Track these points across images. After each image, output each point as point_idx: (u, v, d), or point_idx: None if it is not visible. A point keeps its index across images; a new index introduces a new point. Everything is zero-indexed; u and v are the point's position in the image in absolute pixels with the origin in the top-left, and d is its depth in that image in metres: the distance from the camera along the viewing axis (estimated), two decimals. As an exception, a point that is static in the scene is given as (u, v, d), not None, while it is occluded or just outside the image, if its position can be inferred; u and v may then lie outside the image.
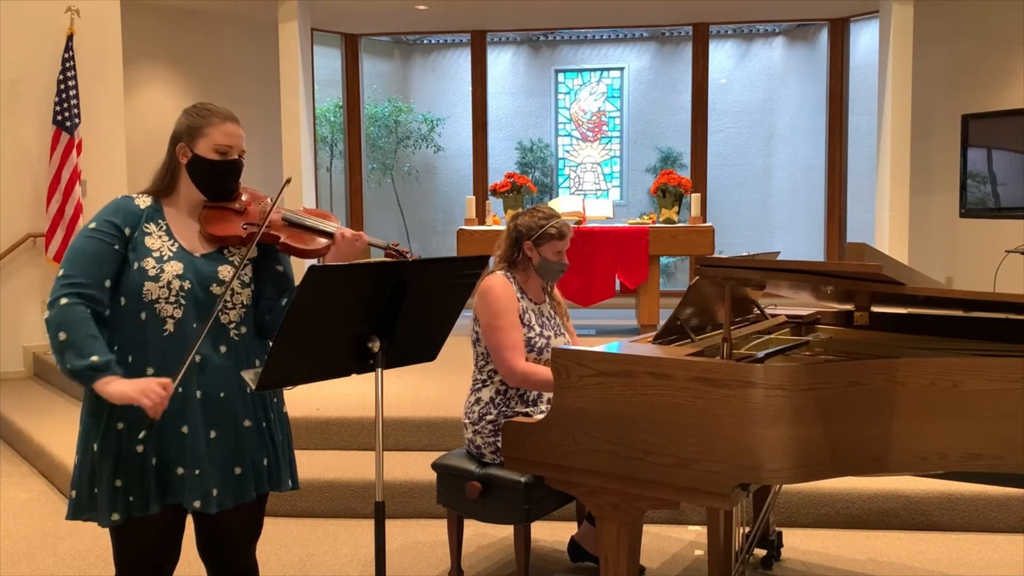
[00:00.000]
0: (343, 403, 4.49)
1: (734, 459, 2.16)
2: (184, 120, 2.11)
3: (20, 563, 3.44)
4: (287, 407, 2.25)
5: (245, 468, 2.08)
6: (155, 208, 2.09)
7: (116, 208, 2.05)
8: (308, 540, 3.62)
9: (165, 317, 2.00)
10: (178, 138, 2.10)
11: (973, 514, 3.58)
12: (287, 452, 2.21)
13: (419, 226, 10.80)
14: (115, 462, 1.98)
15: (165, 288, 1.99)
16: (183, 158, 2.09)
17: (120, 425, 1.99)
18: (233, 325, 2.08)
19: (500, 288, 2.95)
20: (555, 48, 10.78)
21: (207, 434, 2.02)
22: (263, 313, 2.14)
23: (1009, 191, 6.16)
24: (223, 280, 2.06)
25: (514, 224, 3.06)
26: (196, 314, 2.02)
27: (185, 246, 2.06)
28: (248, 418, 2.09)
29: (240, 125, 2.13)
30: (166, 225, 2.07)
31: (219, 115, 2.10)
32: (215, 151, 2.07)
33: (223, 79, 8.34)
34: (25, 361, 6.44)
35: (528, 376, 2.88)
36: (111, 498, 1.98)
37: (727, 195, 10.33)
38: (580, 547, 3.26)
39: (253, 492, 2.11)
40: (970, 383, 2.19)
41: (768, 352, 2.59)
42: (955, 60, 7.82)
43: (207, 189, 2.10)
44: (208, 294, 2.04)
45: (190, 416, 2.00)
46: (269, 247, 2.15)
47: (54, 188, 6.20)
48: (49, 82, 6.33)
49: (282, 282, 2.19)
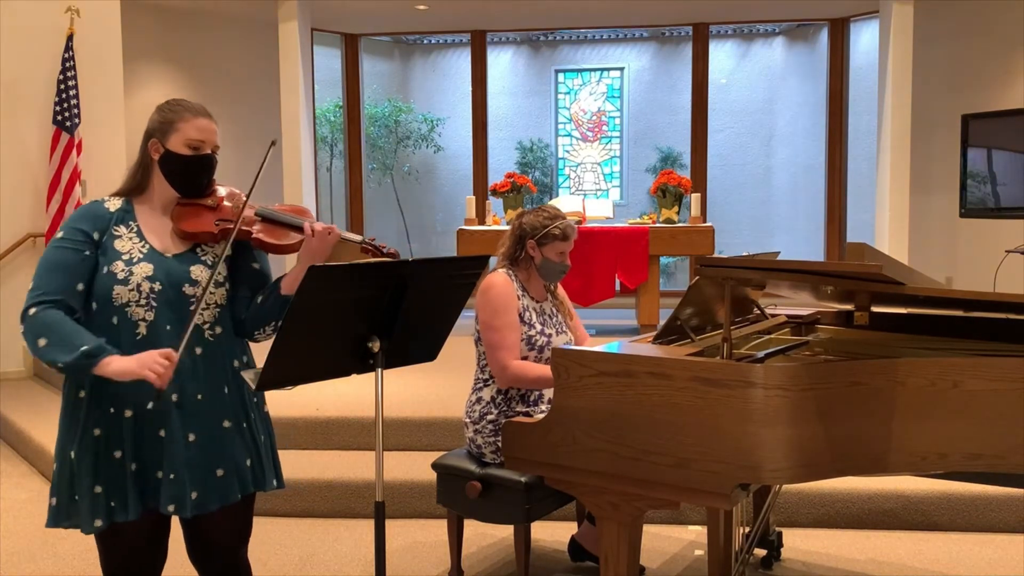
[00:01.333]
0: (343, 403, 4.49)
1: (734, 459, 2.16)
2: (156, 116, 2.07)
3: (20, 563, 3.44)
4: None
5: (227, 470, 2.04)
6: (126, 210, 2.06)
7: (84, 214, 2.03)
8: (308, 540, 3.62)
9: (137, 320, 1.96)
10: (150, 134, 2.06)
11: (973, 514, 3.58)
12: (270, 452, 2.17)
13: (419, 226, 10.80)
14: (94, 469, 1.96)
15: (135, 291, 1.96)
16: (155, 154, 2.05)
17: (97, 431, 1.96)
18: (207, 325, 2.04)
19: (500, 287, 2.95)
20: (555, 48, 10.79)
21: (186, 437, 1.98)
22: (239, 312, 2.10)
23: (1009, 191, 6.16)
24: (195, 280, 2.02)
25: (519, 222, 3.06)
26: (169, 316, 1.97)
27: (156, 246, 2.03)
28: (228, 419, 2.05)
29: (214, 121, 2.10)
30: (137, 226, 2.04)
31: (191, 110, 2.07)
32: (187, 146, 2.04)
33: (223, 79, 8.34)
34: (25, 361, 6.44)
35: (518, 375, 2.88)
36: (92, 505, 1.95)
37: (727, 195, 10.34)
38: (580, 547, 3.26)
39: (238, 493, 2.07)
40: (970, 383, 2.19)
41: (768, 352, 2.59)
42: (955, 60, 7.82)
43: (180, 185, 2.07)
44: (180, 295, 2.00)
45: (167, 419, 1.97)
46: (243, 244, 2.11)
47: (54, 188, 6.20)
48: (49, 82, 6.33)
49: (258, 280, 2.15)
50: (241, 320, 2.10)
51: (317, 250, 2.08)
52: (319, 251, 2.08)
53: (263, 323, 2.10)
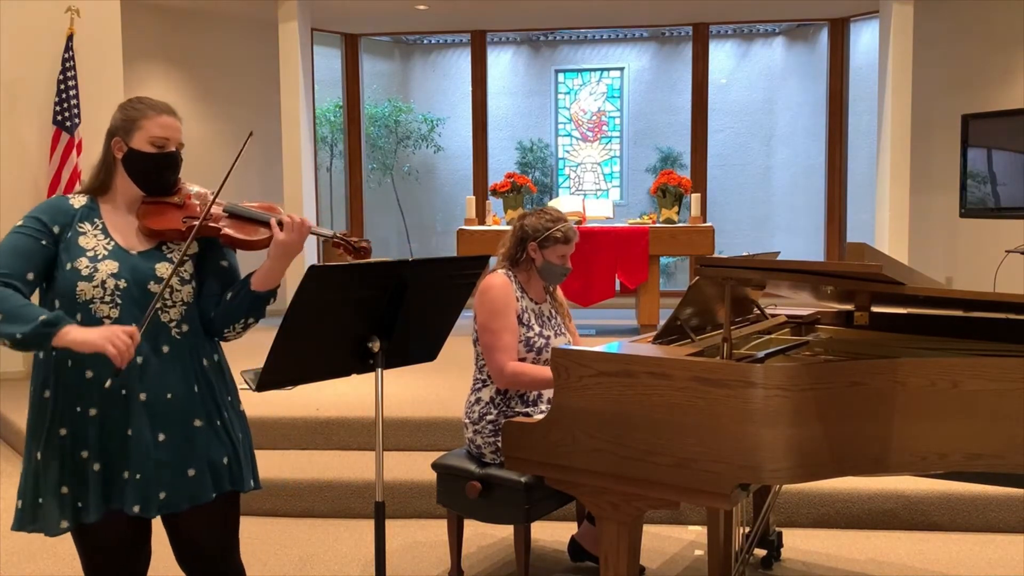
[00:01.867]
0: (343, 403, 4.49)
1: (734, 459, 2.16)
2: (119, 114, 2.05)
3: (20, 563, 3.44)
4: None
5: (199, 468, 2.00)
6: (90, 207, 2.03)
7: (47, 207, 2.01)
8: (308, 540, 3.62)
9: (101, 318, 1.93)
10: (113, 133, 2.04)
11: (973, 514, 3.58)
12: (247, 451, 2.14)
13: (419, 226, 10.80)
14: (60, 469, 1.93)
15: (99, 287, 1.93)
16: (118, 152, 2.03)
17: (63, 431, 1.94)
18: (174, 323, 2.01)
19: (499, 288, 2.95)
20: (555, 48, 10.79)
21: (155, 437, 1.95)
22: (208, 310, 2.06)
23: (1009, 191, 6.16)
24: (161, 277, 1.98)
25: (520, 224, 3.05)
26: (134, 313, 1.94)
27: (122, 244, 2.00)
28: (199, 417, 2.02)
29: (178, 118, 2.07)
30: (102, 223, 2.01)
31: (154, 108, 2.04)
32: (151, 144, 2.01)
33: (223, 79, 8.34)
34: (25, 361, 6.43)
35: (515, 376, 2.88)
36: (59, 506, 1.93)
37: (727, 195, 10.34)
38: (580, 547, 3.26)
39: (211, 492, 2.02)
40: (970, 383, 2.19)
41: (768, 352, 2.59)
42: (955, 60, 7.82)
43: (144, 183, 2.04)
44: (145, 292, 1.96)
45: (135, 419, 1.94)
46: (211, 241, 2.07)
47: (54, 188, 6.19)
48: (49, 82, 6.33)
49: (227, 277, 2.11)
50: (210, 318, 2.06)
51: (290, 243, 2.01)
52: (292, 245, 2.02)
53: (232, 320, 2.06)
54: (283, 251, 2.02)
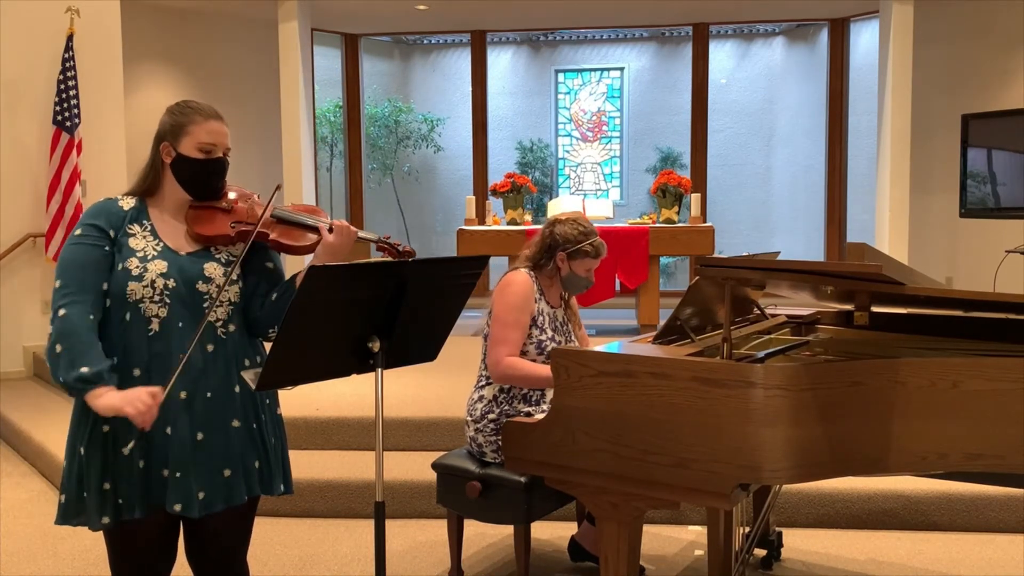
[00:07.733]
0: (343, 403, 4.49)
1: (734, 459, 2.16)
2: (167, 119, 2.07)
3: (20, 563, 3.44)
4: (282, 409, 2.21)
5: (235, 470, 2.03)
6: (139, 209, 2.05)
7: (99, 211, 2.02)
8: (308, 540, 3.62)
9: (150, 317, 1.96)
10: (161, 137, 2.06)
11: (973, 514, 3.58)
12: (279, 455, 2.15)
13: (419, 226, 10.80)
14: (103, 465, 1.95)
15: (149, 287, 1.96)
16: (167, 157, 2.05)
17: (106, 428, 1.95)
18: (220, 323, 2.03)
19: (522, 285, 2.94)
20: (555, 48, 10.79)
21: (194, 436, 1.97)
22: (254, 310, 2.09)
23: (1009, 191, 6.16)
24: (209, 277, 2.01)
25: (551, 231, 3.02)
26: (182, 313, 1.97)
27: (170, 245, 2.03)
28: (237, 419, 2.04)
29: (225, 123, 2.09)
30: (151, 225, 2.04)
31: (203, 113, 2.06)
32: (199, 149, 2.04)
33: (223, 79, 8.34)
34: (25, 361, 6.44)
35: (510, 370, 2.87)
36: (101, 501, 1.95)
37: (727, 195, 10.34)
38: (580, 547, 3.26)
39: (244, 495, 2.05)
40: (970, 383, 2.19)
41: (768, 352, 2.59)
42: (955, 60, 7.82)
43: (192, 189, 2.07)
44: (194, 292, 2.00)
45: (174, 417, 1.96)
46: (259, 244, 2.11)
47: (54, 188, 6.20)
48: (49, 82, 6.33)
49: (273, 278, 2.15)
50: (255, 318, 2.10)
51: (338, 246, 2.08)
52: (341, 247, 2.08)
53: (278, 320, 2.07)
54: (331, 255, 2.07)
